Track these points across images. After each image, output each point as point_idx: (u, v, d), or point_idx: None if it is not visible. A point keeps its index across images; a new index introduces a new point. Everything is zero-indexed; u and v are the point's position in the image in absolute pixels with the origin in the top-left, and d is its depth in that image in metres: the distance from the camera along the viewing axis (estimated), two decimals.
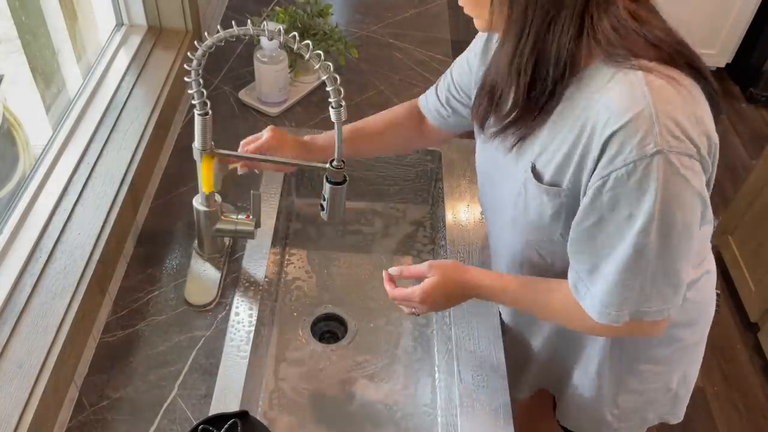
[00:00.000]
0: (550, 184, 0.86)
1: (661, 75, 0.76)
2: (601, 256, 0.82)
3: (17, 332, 0.93)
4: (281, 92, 1.49)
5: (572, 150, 0.81)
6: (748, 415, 2.10)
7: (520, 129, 0.87)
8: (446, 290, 0.98)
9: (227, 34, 0.87)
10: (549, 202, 0.87)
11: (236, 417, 0.90)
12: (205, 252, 1.18)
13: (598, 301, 0.85)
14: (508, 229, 1.00)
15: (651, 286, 0.82)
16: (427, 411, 1.20)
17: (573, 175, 0.82)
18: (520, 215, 0.93)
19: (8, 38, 1.13)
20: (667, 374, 1.10)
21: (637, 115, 0.73)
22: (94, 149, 1.19)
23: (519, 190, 0.91)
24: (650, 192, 0.74)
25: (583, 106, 0.80)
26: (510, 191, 0.94)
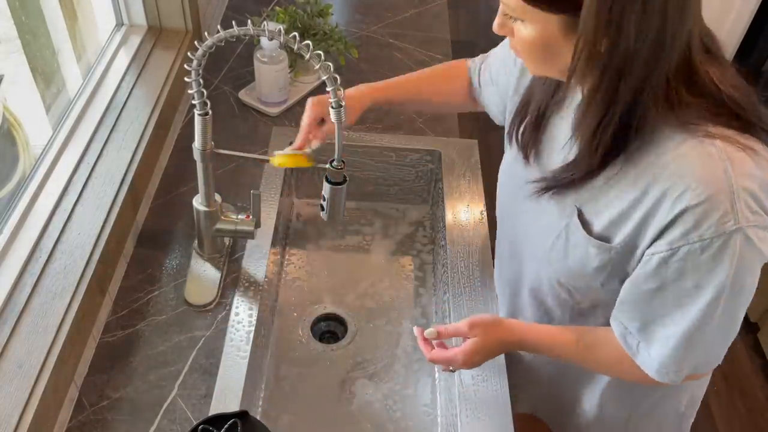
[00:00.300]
0: (600, 237, 0.83)
1: (740, 146, 0.72)
2: (657, 316, 0.81)
3: (17, 332, 0.93)
4: (281, 92, 1.49)
5: (631, 209, 0.78)
6: (748, 415, 2.10)
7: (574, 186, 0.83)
8: (488, 349, 0.94)
9: (227, 34, 0.87)
10: (596, 255, 0.83)
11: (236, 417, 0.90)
12: (205, 252, 1.18)
13: (656, 362, 0.83)
14: (536, 262, 0.97)
15: (712, 347, 0.81)
16: (426, 411, 1.20)
17: (629, 235, 0.79)
18: (558, 259, 0.90)
19: (8, 38, 1.13)
20: (677, 397, 1.08)
21: (719, 191, 0.71)
22: (94, 149, 1.19)
23: (559, 233, 0.87)
24: (723, 266, 0.73)
25: (648, 165, 0.76)
26: (546, 229, 0.90)
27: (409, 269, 1.43)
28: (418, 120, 1.51)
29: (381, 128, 1.49)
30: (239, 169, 1.36)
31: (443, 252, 1.29)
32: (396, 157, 1.45)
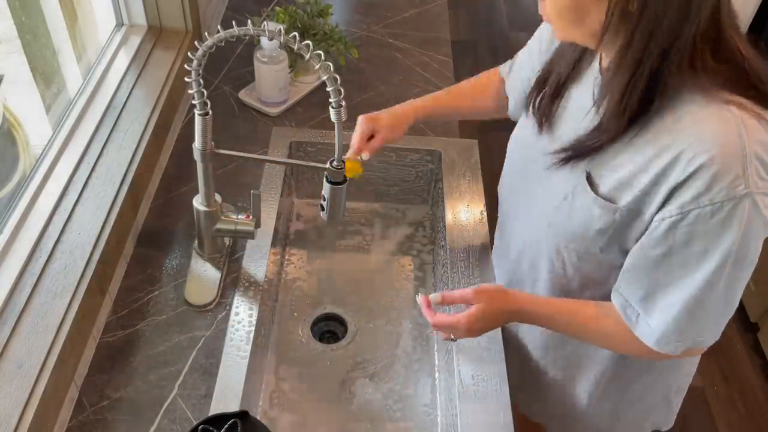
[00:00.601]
0: (606, 198, 0.83)
1: (754, 114, 0.74)
2: (660, 285, 0.81)
3: (17, 332, 0.93)
4: (281, 92, 1.49)
5: (642, 172, 0.79)
6: (748, 415, 2.10)
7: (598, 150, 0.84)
8: (492, 317, 0.95)
9: (227, 34, 0.87)
10: (600, 216, 0.84)
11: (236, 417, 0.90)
12: (205, 252, 1.18)
13: (657, 332, 0.83)
14: (537, 230, 0.97)
15: (712, 319, 0.82)
16: (426, 411, 1.20)
17: (636, 198, 0.80)
18: (562, 221, 0.90)
19: (8, 38, 1.13)
20: (667, 383, 1.09)
21: (732, 155, 0.72)
22: (94, 149, 1.20)
23: (566, 195, 0.88)
24: (732, 232, 0.73)
25: (663, 129, 0.77)
26: (553, 193, 0.91)
27: (409, 269, 1.43)
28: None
29: None
30: (239, 169, 1.37)
31: (443, 252, 1.29)
32: (396, 157, 1.46)
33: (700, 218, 0.74)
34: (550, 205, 0.92)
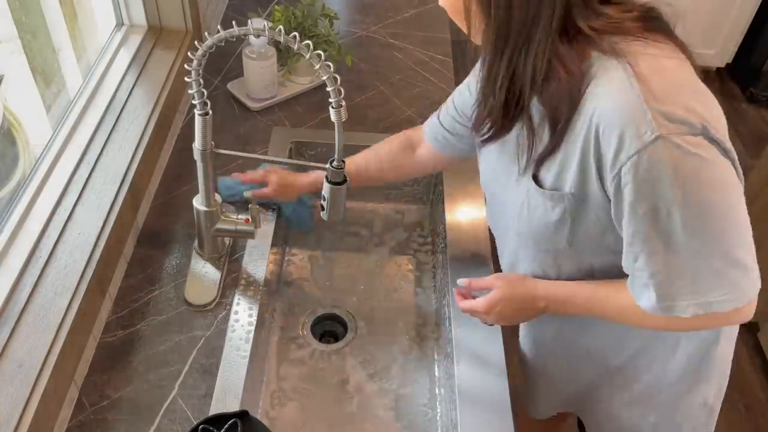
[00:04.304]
0: (552, 188, 0.85)
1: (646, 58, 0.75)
2: (638, 253, 0.80)
3: (17, 332, 0.93)
4: (267, 89, 1.49)
5: (571, 152, 0.80)
6: (748, 415, 2.10)
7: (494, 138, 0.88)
8: (512, 302, 0.98)
9: (227, 34, 0.87)
10: (552, 208, 0.85)
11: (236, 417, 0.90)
12: (205, 252, 1.18)
13: (654, 296, 0.82)
14: (514, 244, 0.99)
15: (707, 274, 0.78)
16: (426, 410, 1.20)
17: (576, 177, 0.81)
18: (525, 226, 0.91)
19: (8, 38, 1.13)
20: (705, 387, 1.06)
21: (630, 107, 0.72)
22: (94, 149, 1.19)
23: (522, 200, 0.90)
24: (663, 179, 0.72)
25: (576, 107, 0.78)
26: (513, 203, 0.93)
27: (408, 270, 1.43)
28: (419, 120, 1.51)
29: (381, 128, 1.49)
30: (239, 169, 1.36)
31: (443, 253, 1.29)
32: None
33: (628, 175, 0.74)
34: (515, 216, 0.93)
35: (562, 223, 0.86)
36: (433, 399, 1.21)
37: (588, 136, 0.77)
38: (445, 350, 1.19)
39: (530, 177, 0.87)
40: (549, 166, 0.84)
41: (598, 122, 0.75)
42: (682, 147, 0.72)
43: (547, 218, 0.87)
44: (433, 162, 1.17)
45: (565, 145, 0.81)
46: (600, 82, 0.76)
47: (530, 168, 0.87)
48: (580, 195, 0.82)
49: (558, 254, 0.92)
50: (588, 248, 0.89)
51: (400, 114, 1.53)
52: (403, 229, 1.51)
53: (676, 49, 0.79)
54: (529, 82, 0.78)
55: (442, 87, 1.61)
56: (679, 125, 0.72)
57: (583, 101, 0.77)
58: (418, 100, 1.57)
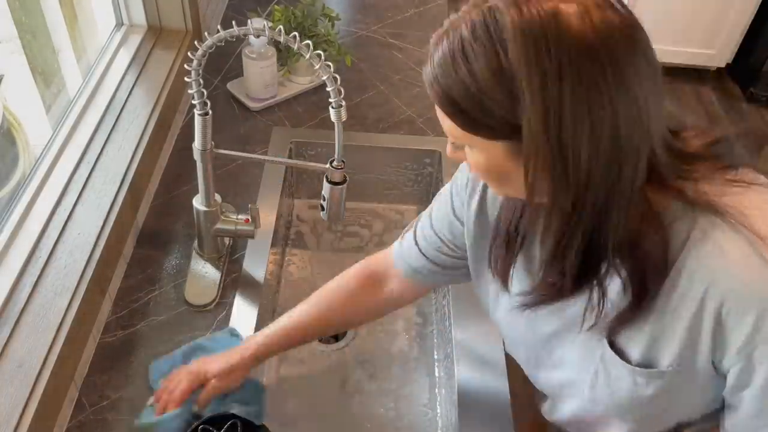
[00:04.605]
0: (642, 365, 0.73)
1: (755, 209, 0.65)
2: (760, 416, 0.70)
3: (17, 332, 0.93)
4: (267, 89, 1.49)
5: (667, 325, 0.69)
6: None
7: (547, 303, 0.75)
8: None
9: (227, 34, 0.87)
10: (647, 384, 0.73)
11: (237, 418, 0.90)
12: (205, 252, 1.18)
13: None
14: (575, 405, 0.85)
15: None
16: (426, 411, 1.20)
17: (678, 354, 0.70)
18: (603, 396, 0.78)
19: (8, 38, 1.13)
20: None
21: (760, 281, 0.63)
22: (94, 149, 1.19)
23: (596, 368, 0.77)
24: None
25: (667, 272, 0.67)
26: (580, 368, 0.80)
27: None
28: (419, 120, 1.52)
29: (381, 128, 1.49)
30: (239, 169, 1.36)
31: None
32: (396, 157, 1.45)
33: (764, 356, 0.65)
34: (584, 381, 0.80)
35: (660, 397, 0.74)
36: (433, 399, 1.21)
37: (700, 312, 0.66)
38: (445, 350, 1.19)
39: (604, 343, 0.75)
40: (634, 338, 0.73)
41: (721, 301, 0.64)
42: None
43: (638, 393, 0.75)
44: (412, 295, 1.01)
45: (657, 317, 0.70)
46: (707, 249, 0.65)
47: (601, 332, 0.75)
48: (685, 371, 0.71)
49: (650, 419, 0.79)
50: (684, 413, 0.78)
51: (400, 114, 1.53)
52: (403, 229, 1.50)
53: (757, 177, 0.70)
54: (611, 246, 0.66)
55: None
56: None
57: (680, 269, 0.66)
58: (418, 100, 1.57)
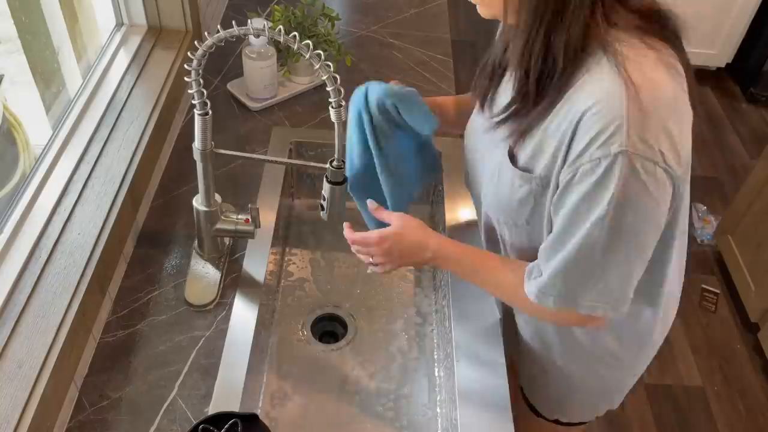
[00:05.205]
0: (523, 168, 0.87)
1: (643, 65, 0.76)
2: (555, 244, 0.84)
3: (17, 332, 0.93)
4: (267, 89, 1.49)
5: (550, 136, 0.82)
6: (748, 415, 2.10)
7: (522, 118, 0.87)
8: (403, 243, 1.00)
9: (227, 34, 0.87)
10: (519, 186, 0.88)
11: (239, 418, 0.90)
12: (205, 252, 1.18)
13: (540, 284, 0.87)
14: (482, 206, 1.02)
15: (590, 279, 0.83)
16: (426, 410, 1.20)
17: (548, 162, 0.83)
18: (491, 196, 0.95)
19: (8, 38, 1.13)
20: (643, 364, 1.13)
21: (611, 112, 0.74)
22: (94, 149, 1.20)
23: (493, 171, 0.93)
24: (607, 190, 0.75)
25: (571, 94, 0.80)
26: (487, 171, 0.96)
27: (408, 270, 1.43)
28: None
29: None
30: (239, 169, 1.36)
31: None
32: None
33: (583, 175, 0.77)
34: (485, 184, 0.97)
35: (525, 203, 0.89)
36: (433, 399, 1.21)
37: (569, 127, 0.78)
38: (445, 350, 1.19)
39: (505, 152, 0.89)
40: (526, 146, 0.86)
41: (581, 116, 0.76)
42: (636, 170, 0.74)
43: (513, 195, 0.90)
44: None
45: (545, 129, 0.83)
46: (593, 79, 0.77)
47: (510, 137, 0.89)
48: (546, 180, 0.84)
49: (515, 228, 0.95)
50: (541, 229, 0.91)
51: None
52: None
53: (674, 55, 0.80)
54: (562, 51, 0.78)
55: (442, 87, 1.61)
56: (646, 148, 0.74)
57: (572, 92, 0.79)
58: None
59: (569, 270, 0.83)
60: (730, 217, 2.39)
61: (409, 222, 1.01)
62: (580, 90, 0.78)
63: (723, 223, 2.44)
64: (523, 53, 0.80)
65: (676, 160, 0.76)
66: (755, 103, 3.30)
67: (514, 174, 0.88)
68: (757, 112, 3.29)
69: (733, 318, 2.35)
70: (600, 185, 0.76)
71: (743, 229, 2.32)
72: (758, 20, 3.17)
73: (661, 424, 2.06)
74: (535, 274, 0.89)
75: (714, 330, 2.31)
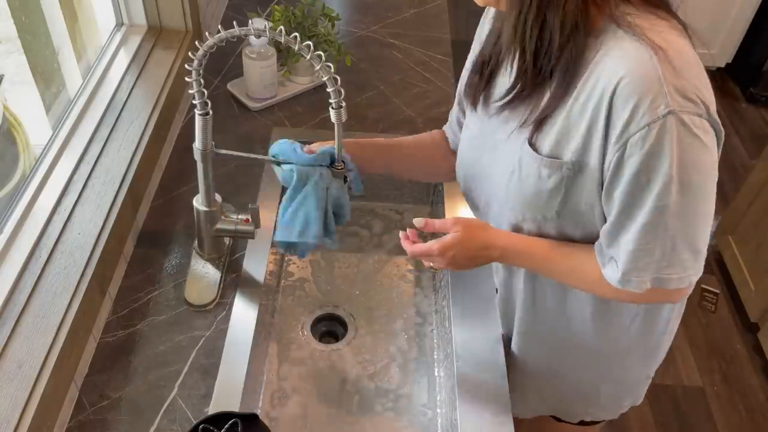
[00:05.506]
0: (550, 156, 0.84)
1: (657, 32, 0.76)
2: (620, 224, 0.82)
3: (17, 332, 0.93)
4: (267, 89, 1.49)
5: (578, 119, 0.80)
6: (748, 415, 2.10)
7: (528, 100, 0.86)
8: (468, 248, 0.95)
9: (228, 34, 0.87)
10: (548, 176, 0.85)
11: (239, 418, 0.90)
12: (205, 252, 1.18)
13: (619, 269, 0.84)
14: (495, 211, 0.99)
15: (671, 252, 0.81)
16: (426, 410, 1.20)
17: (579, 146, 0.81)
18: (514, 193, 0.91)
19: (8, 38, 1.13)
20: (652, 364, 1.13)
21: (647, 76, 0.73)
22: (94, 149, 1.19)
23: (513, 168, 0.90)
24: (666, 154, 0.74)
25: (586, 71, 0.79)
26: (503, 170, 0.92)
27: (407, 270, 1.43)
28: (419, 120, 1.52)
29: (381, 128, 1.49)
30: (239, 169, 1.36)
31: None
32: None
33: (635, 147, 0.75)
34: (502, 183, 0.93)
35: (555, 193, 0.86)
36: (433, 399, 1.21)
37: (599, 105, 0.77)
38: (445, 350, 1.19)
39: (525, 142, 0.87)
40: (548, 132, 0.84)
41: (614, 91, 0.75)
42: (687, 126, 0.73)
43: (540, 186, 0.87)
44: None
45: (568, 112, 0.81)
46: (614, 53, 0.76)
47: (529, 127, 0.86)
48: (579, 165, 0.82)
49: (543, 223, 0.92)
50: (573, 219, 0.89)
51: (400, 114, 1.53)
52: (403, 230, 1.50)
53: (679, 27, 0.80)
54: (558, 28, 0.77)
55: (442, 87, 1.61)
56: (690, 103, 0.74)
57: (592, 70, 0.78)
58: (418, 100, 1.57)
59: (646, 246, 0.81)
60: (730, 217, 2.39)
61: (470, 224, 0.96)
62: (601, 66, 0.77)
63: (723, 222, 2.44)
64: (515, 31, 0.79)
65: (715, 111, 0.77)
66: (755, 103, 3.30)
67: (541, 164, 0.85)
68: (757, 112, 3.29)
69: (733, 318, 2.35)
70: (655, 152, 0.74)
71: (743, 228, 2.32)
72: (758, 20, 3.17)
73: (660, 424, 2.06)
74: (607, 261, 0.87)
75: (714, 330, 2.31)
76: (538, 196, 0.88)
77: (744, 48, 3.29)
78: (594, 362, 1.10)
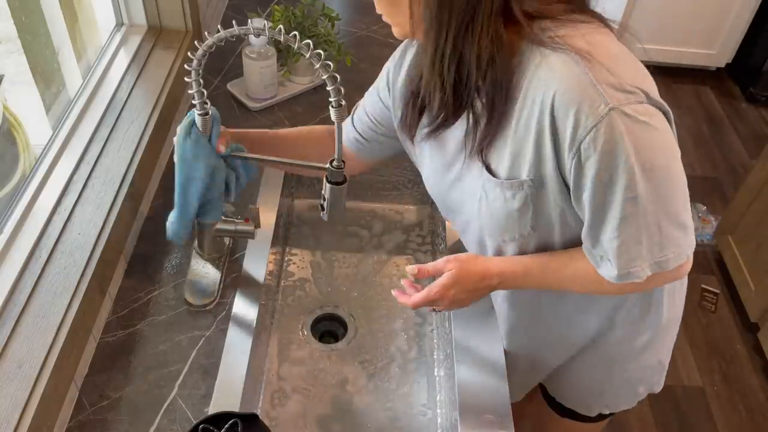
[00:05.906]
0: (509, 178, 0.86)
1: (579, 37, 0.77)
2: (598, 224, 0.83)
3: (17, 332, 0.93)
4: (267, 89, 1.49)
5: (522, 139, 0.81)
6: (748, 415, 2.10)
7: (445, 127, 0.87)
8: (467, 282, 0.95)
9: (228, 33, 0.87)
10: (512, 196, 0.86)
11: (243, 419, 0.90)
12: (205, 252, 1.18)
13: (614, 266, 0.85)
14: (476, 236, 0.99)
15: (659, 234, 0.82)
16: (426, 410, 1.20)
17: (532, 162, 0.82)
18: (486, 219, 0.92)
19: (8, 38, 1.13)
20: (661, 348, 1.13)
21: (577, 83, 0.75)
22: (94, 149, 1.20)
23: (479, 195, 0.90)
24: (620, 148, 0.75)
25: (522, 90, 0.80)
26: (469, 200, 0.94)
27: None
28: None
29: None
30: None
31: (442, 254, 1.29)
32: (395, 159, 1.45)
33: (588, 149, 0.76)
34: (473, 211, 0.94)
35: (525, 210, 0.87)
36: (433, 399, 1.21)
37: (542, 120, 0.78)
38: (445, 350, 1.19)
39: (483, 170, 0.88)
40: (502, 155, 0.85)
41: (552, 104, 0.76)
42: (632, 116, 0.75)
43: (508, 207, 0.88)
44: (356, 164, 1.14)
45: (514, 134, 0.82)
46: (542, 71, 0.78)
47: (475, 156, 0.88)
48: (538, 180, 0.83)
49: (523, 240, 0.92)
50: (550, 231, 0.90)
51: None
52: (402, 230, 1.51)
53: (601, 24, 0.82)
54: (475, 63, 0.78)
55: None
56: (627, 95, 0.75)
57: (526, 89, 0.79)
58: None
59: (630, 238, 0.81)
60: (729, 217, 2.39)
61: (462, 259, 0.96)
62: (535, 84, 0.78)
63: (723, 223, 2.44)
64: (433, 66, 0.81)
65: (657, 94, 0.78)
66: (755, 103, 3.30)
67: (502, 187, 0.86)
68: (756, 111, 3.29)
69: (733, 318, 2.35)
70: (610, 149, 0.75)
71: (743, 229, 2.32)
72: (758, 20, 3.17)
73: (661, 424, 2.06)
74: (600, 261, 0.87)
75: (714, 330, 2.31)
76: (509, 217, 0.89)
77: (744, 48, 3.29)
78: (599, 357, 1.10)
